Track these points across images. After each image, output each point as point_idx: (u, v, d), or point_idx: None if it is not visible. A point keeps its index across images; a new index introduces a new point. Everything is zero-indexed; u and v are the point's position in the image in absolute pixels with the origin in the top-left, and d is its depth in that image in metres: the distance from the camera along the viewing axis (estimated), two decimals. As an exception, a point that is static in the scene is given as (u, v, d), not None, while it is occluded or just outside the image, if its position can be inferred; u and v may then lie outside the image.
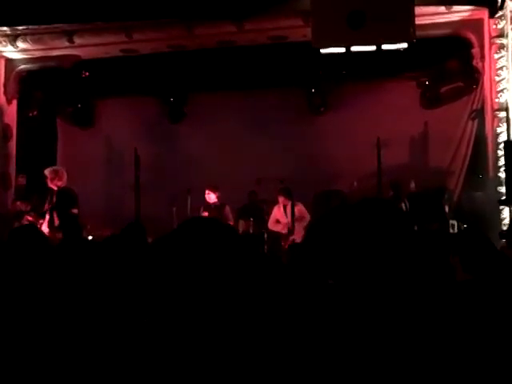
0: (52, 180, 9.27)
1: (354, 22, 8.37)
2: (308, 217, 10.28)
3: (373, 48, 8.69)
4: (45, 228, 8.99)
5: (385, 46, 8.69)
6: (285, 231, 10.40)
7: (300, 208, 10.40)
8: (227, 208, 10.48)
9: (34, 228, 3.04)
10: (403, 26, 8.45)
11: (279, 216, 10.58)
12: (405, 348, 1.56)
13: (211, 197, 10.46)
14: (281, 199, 10.48)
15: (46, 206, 9.27)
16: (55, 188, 9.25)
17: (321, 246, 2.37)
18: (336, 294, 1.78)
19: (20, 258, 2.72)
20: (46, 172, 9.36)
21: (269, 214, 10.86)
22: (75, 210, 9.14)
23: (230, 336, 1.76)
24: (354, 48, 8.69)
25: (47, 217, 9.16)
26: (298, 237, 10.03)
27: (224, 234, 1.94)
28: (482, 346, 1.64)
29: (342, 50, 8.75)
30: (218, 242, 1.90)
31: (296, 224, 10.28)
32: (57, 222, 9.03)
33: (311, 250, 2.51)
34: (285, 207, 10.51)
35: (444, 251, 3.34)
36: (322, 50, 8.81)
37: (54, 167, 9.59)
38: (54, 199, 9.17)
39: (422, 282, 1.68)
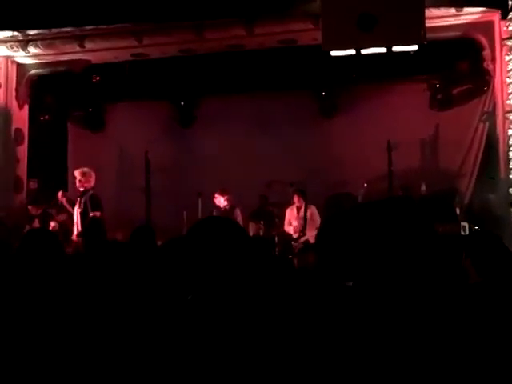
0: (79, 181, 9.19)
1: (364, 25, 8.32)
2: (319, 220, 10.25)
3: (383, 50, 8.64)
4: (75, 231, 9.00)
5: (395, 48, 8.64)
6: (296, 234, 10.35)
7: (313, 211, 10.35)
8: (237, 211, 10.46)
9: (46, 231, 3.05)
10: (414, 28, 8.40)
11: (292, 218, 10.53)
12: (420, 349, 1.56)
13: (220, 200, 10.44)
14: (296, 199, 10.41)
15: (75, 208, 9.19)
16: (82, 189, 9.19)
17: (335, 248, 2.37)
18: (352, 295, 1.77)
19: (32, 262, 2.73)
20: (75, 173, 9.31)
21: (279, 217, 10.83)
22: (97, 213, 9.03)
23: (240, 335, 1.75)
24: (364, 50, 8.65)
25: (75, 219, 9.11)
26: (310, 239, 10.01)
27: (233, 234, 1.94)
28: (493, 346, 1.63)
29: (352, 52, 8.70)
30: (228, 242, 1.90)
31: (308, 226, 10.23)
32: (79, 225, 8.96)
33: (325, 251, 2.51)
34: (298, 209, 10.45)
35: (456, 254, 3.32)
36: (332, 53, 8.77)
37: (83, 168, 9.43)
38: (82, 201, 9.09)
39: (438, 285, 1.68)
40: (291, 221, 10.51)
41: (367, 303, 1.66)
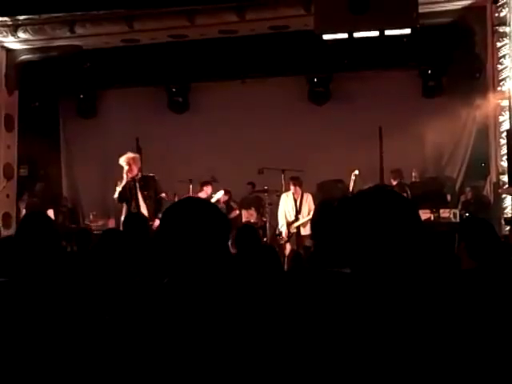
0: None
1: (356, 8, 8.22)
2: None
3: (376, 34, 8.52)
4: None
5: (388, 32, 8.53)
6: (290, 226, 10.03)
7: (309, 199, 10.09)
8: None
9: (44, 215, 3.04)
10: (406, 11, 8.30)
11: (287, 207, 10.17)
12: (414, 338, 1.57)
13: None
14: (292, 187, 10.11)
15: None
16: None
17: (331, 234, 2.37)
18: (345, 283, 1.78)
19: (30, 246, 2.73)
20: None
21: (271, 203, 10.78)
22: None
23: (216, 319, 1.75)
24: (356, 34, 8.53)
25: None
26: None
27: (211, 215, 1.91)
28: (487, 332, 1.64)
29: (345, 35, 8.58)
30: (204, 222, 1.88)
31: (302, 213, 9.96)
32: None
33: (321, 238, 2.52)
34: (294, 197, 10.14)
35: (449, 239, 3.36)
36: (325, 36, 8.65)
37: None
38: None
39: (430, 271, 1.69)
40: (285, 210, 10.19)
41: (363, 291, 1.66)
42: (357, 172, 9.96)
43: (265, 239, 10.31)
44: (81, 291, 2.78)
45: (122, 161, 8.63)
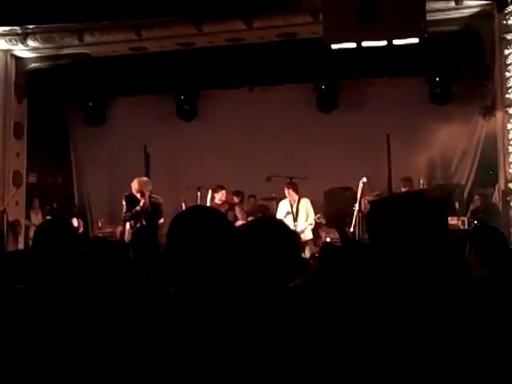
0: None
1: (365, 17, 8.27)
2: (311, 213, 10.03)
3: (384, 43, 8.59)
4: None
5: (396, 41, 8.59)
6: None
7: (306, 204, 10.05)
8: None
9: (65, 221, 3.06)
10: (414, 21, 8.36)
11: (284, 214, 10.11)
12: (424, 343, 1.57)
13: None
14: (287, 193, 10.03)
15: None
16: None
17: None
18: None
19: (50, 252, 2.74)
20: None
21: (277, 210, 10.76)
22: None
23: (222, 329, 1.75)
24: (364, 43, 8.60)
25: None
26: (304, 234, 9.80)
27: (218, 224, 1.92)
28: (498, 340, 1.64)
29: (353, 45, 8.66)
30: (211, 231, 1.88)
31: (299, 218, 9.93)
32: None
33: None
34: (291, 203, 10.11)
35: (460, 247, 3.36)
36: (333, 46, 8.73)
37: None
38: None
39: (447, 277, 1.70)
40: (281, 217, 10.06)
41: (387, 289, 1.68)
42: (365, 179, 9.92)
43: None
44: (90, 299, 2.79)
45: (135, 190, 8.61)
